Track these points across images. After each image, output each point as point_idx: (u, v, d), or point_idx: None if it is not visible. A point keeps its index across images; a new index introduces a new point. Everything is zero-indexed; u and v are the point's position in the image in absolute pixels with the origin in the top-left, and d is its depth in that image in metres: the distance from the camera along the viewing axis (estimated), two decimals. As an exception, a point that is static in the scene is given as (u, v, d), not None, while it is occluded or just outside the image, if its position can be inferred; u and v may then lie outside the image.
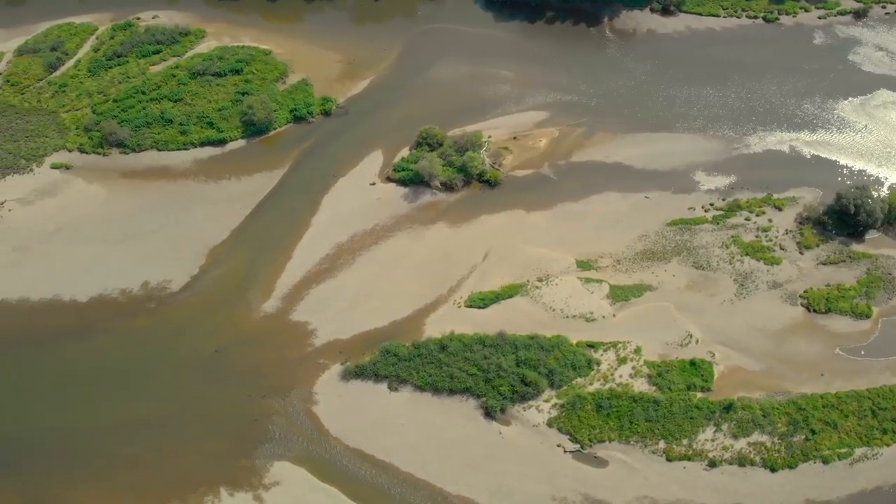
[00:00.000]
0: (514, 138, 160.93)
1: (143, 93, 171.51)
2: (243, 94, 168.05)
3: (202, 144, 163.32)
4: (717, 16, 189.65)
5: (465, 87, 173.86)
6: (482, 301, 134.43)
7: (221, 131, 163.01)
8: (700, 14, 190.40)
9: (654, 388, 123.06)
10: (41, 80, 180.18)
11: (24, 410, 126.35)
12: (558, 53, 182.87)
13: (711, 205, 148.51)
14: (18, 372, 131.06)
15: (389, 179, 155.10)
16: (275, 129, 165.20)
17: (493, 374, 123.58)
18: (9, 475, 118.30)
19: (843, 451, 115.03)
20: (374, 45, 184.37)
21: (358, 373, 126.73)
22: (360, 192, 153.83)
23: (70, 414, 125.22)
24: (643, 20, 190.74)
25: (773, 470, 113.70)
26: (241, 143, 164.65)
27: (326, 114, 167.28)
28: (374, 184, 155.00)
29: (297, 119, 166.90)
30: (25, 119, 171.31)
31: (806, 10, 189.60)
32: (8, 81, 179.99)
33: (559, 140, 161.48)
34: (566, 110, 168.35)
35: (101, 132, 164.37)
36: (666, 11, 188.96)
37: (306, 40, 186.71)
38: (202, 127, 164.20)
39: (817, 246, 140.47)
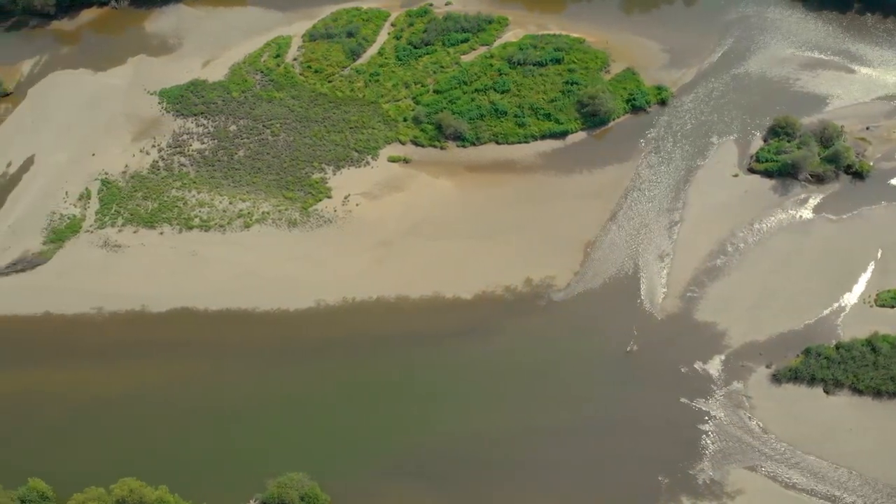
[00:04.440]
0: (867, 129, 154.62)
1: (465, 83, 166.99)
2: (572, 84, 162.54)
3: (543, 137, 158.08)
4: None
5: (798, 76, 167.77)
6: (895, 300, 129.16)
7: (561, 123, 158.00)
8: None
9: None
10: (345, 67, 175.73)
11: (431, 415, 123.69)
12: (882, 43, 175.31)
13: None
14: (417, 374, 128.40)
15: (752, 170, 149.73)
16: (613, 119, 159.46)
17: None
18: (434, 485, 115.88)
19: None
20: (690, 33, 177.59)
21: (791, 376, 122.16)
22: (724, 185, 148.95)
23: (481, 419, 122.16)
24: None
25: None
26: (581, 135, 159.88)
27: (662, 103, 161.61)
28: (736, 175, 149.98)
29: (635, 109, 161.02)
30: (343, 109, 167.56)
31: None
32: (310, 68, 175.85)
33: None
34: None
35: (434, 124, 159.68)
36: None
37: (616, 28, 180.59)
38: (539, 119, 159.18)
39: None
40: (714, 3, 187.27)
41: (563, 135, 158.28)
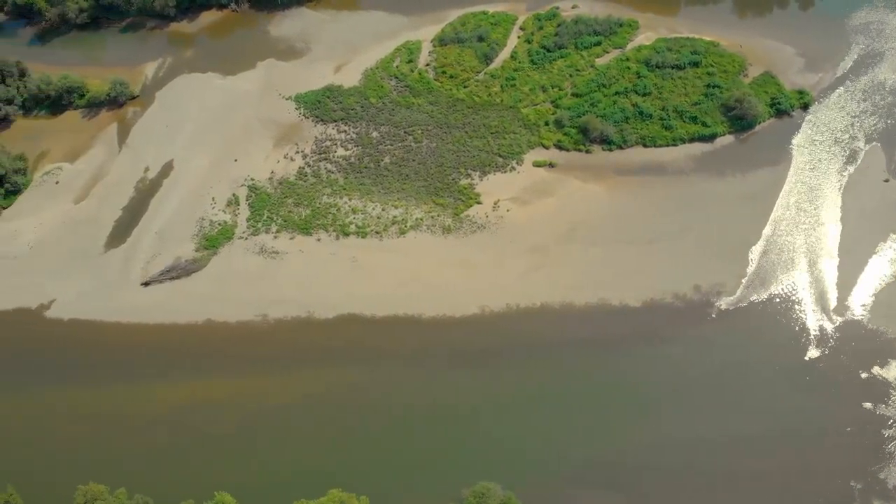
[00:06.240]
0: None
1: (604, 86, 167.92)
2: (713, 88, 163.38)
3: (691, 140, 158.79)
4: None
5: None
6: None
7: (708, 126, 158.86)
8: None
9: None
10: (479, 72, 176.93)
11: (608, 423, 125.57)
12: None
13: None
14: (590, 382, 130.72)
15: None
16: (759, 123, 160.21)
17: None
18: (622, 495, 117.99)
19: None
20: (818, 37, 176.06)
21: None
22: (876, 190, 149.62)
23: (661, 429, 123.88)
24: None
25: None
26: (728, 138, 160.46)
27: (804, 107, 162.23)
28: (887, 181, 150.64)
29: (779, 113, 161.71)
30: (482, 114, 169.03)
31: None
32: (444, 73, 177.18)
33: None
34: None
35: (577, 128, 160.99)
36: None
37: (745, 31, 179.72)
38: (685, 121, 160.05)
39: None
40: (830, 6, 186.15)
41: (711, 138, 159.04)
